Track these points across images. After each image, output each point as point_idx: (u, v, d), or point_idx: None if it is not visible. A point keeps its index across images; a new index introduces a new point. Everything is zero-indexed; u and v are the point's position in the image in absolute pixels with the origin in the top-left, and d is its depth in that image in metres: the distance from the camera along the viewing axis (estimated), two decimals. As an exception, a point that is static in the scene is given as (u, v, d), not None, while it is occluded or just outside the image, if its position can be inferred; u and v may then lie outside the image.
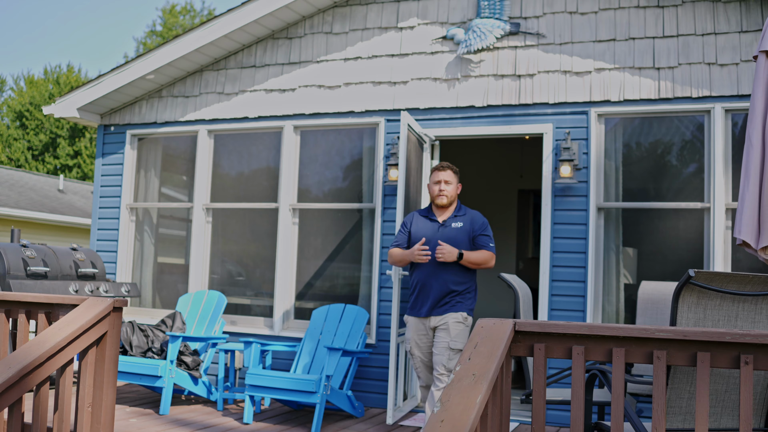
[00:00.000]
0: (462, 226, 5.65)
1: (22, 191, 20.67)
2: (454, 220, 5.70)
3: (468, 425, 2.75)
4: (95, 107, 8.94)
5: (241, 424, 6.25)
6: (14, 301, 4.50)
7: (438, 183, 5.72)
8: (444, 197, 5.69)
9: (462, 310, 5.55)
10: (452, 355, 5.44)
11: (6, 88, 48.78)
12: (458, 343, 5.46)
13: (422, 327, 5.65)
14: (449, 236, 5.61)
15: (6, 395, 3.60)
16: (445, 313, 5.54)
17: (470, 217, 5.71)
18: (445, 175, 5.72)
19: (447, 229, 5.66)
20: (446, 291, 5.54)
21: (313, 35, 7.99)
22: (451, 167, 5.78)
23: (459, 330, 5.50)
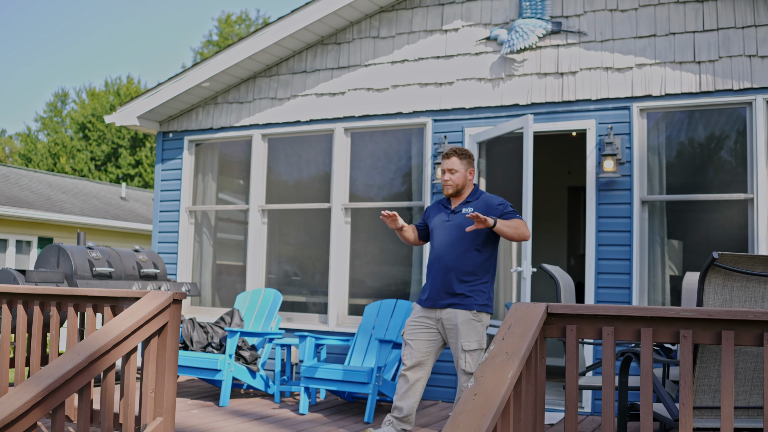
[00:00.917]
0: (473, 212, 5.19)
1: (86, 199, 21.35)
2: (465, 206, 5.38)
3: (499, 398, 2.96)
4: (154, 115, 9.31)
5: (297, 415, 6.51)
6: (82, 295, 4.83)
7: (443, 172, 5.45)
8: (449, 187, 5.41)
9: (471, 308, 5.21)
10: (467, 358, 5.15)
11: (69, 100, 50.08)
12: (472, 343, 5.17)
13: (424, 314, 5.38)
14: (457, 223, 5.32)
15: (76, 380, 3.91)
16: (452, 308, 5.24)
17: (484, 201, 5.36)
18: (449, 164, 5.41)
19: (456, 216, 5.36)
20: (453, 281, 5.24)
21: (360, 40, 8.24)
22: (458, 152, 5.43)
23: (469, 329, 5.18)
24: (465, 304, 5.21)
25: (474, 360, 5.16)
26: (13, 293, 5.20)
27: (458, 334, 5.18)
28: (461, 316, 5.20)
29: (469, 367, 5.14)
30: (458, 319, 5.20)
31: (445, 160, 5.45)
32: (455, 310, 5.23)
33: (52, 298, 5.00)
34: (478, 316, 5.22)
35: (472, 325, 5.19)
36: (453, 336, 5.24)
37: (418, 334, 5.35)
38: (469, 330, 5.17)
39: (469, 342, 5.15)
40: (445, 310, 5.27)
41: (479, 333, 5.20)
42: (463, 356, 5.14)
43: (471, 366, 5.14)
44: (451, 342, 5.27)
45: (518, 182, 8.22)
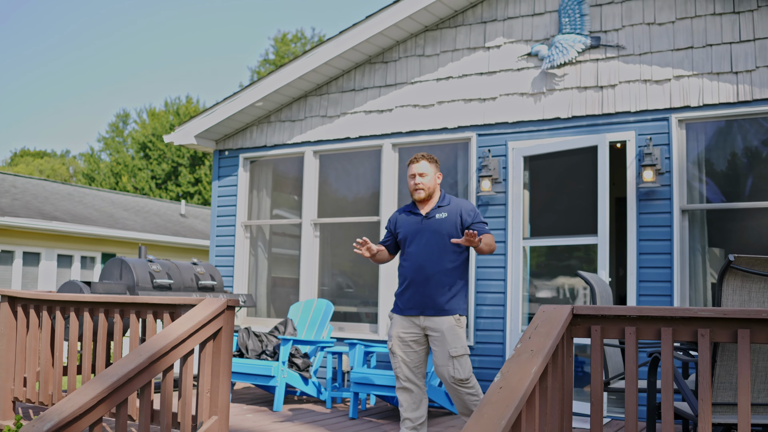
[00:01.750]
0: (447, 217, 5.37)
1: (147, 216, 21.99)
2: (437, 211, 5.42)
3: (522, 390, 3.19)
4: (210, 134, 9.72)
5: (347, 419, 6.78)
6: (143, 303, 5.18)
7: (413, 177, 5.46)
8: (421, 191, 5.41)
9: (455, 312, 5.29)
10: (456, 364, 5.18)
11: (130, 121, 51.37)
12: (459, 348, 5.22)
13: (407, 324, 5.39)
14: (434, 228, 5.36)
15: (137, 378, 4.24)
16: (436, 316, 5.27)
17: (457, 207, 5.43)
18: (419, 167, 5.44)
19: (431, 221, 5.40)
20: (434, 288, 5.28)
21: (406, 58, 8.54)
22: (426, 156, 5.48)
23: (454, 335, 5.24)
24: (448, 309, 5.27)
25: (462, 365, 5.20)
26: (80, 302, 5.57)
27: (444, 341, 5.21)
28: (446, 323, 5.24)
29: (459, 373, 5.17)
30: (443, 326, 5.23)
31: (414, 164, 5.46)
32: (440, 317, 5.26)
33: (115, 305, 5.36)
34: (460, 321, 5.30)
35: (456, 332, 5.24)
36: (438, 343, 5.25)
37: (406, 345, 5.38)
38: (453, 336, 5.22)
39: (456, 348, 5.19)
40: (430, 318, 5.28)
41: (462, 338, 5.26)
42: (451, 363, 5.17)
43: (460, 371, 5.17)
44: (436, 349, 5.27)
45: (564, 195, 8.41)
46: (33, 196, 19.25)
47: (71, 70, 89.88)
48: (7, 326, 6.13)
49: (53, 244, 17.19)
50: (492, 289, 7.74)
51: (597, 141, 7.07)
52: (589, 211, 7.20)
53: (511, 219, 7.68)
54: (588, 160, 7.32)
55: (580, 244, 7.68)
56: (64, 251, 17.46)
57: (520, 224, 7.66)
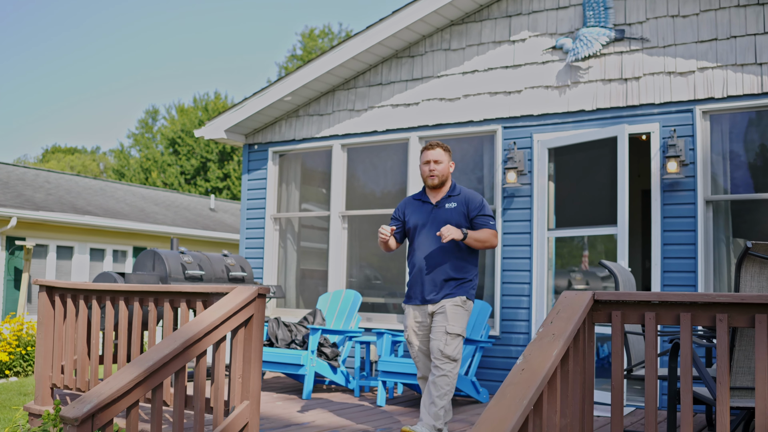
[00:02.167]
0: (456, 207, 5.44)
1: (177, 211, 22.27)
2: (447, 200, 5.48)
3: (543, 372, 3.31)
4: (240, 128, 9.88)
5: (375, 407, 6.91)
6: (176, 291, 5.34)
7: (427, 163, 5.50)
8: (435, 177, 5.46)
9: (461, 294, 5.35)
10: (449, 340, 5.21)
11: (159, 117, 51.83)
12: (456, 327, 5.26)
13: (419, 315, 5.47)
14: (443, 218, 5.42)
15: (172, 363, 4.39)
16: (443, 299, 5.35)
17: (465, 197, 5.49)
18: (434, 154, 5.48)
19: (440, 211, 5.46)
20: (443, 277, 5.36)
21: (432, 52, 8.64)
22: (441, 144, 5.54)
23: (457, 313, 5.30)
24: (454, 293, 5.34)
25: (454, 346, 5.22)
26: (115, 291, 5.75)
27: (445, 316, 5.26)
28: (450, 302, 5.31)
29: (447, 350, 5.17)
30: (447, 305, 5.30)
31: (429, 151, 5.51)
32: (445, 299, 5.34)
33: (150, 294, 5.52)
34: (466, 303, 5.36)
35: (459, 311, 5.30)
36: (439, 318, 5.29)
37: (421, 336, 5.46)
38: (456, 314, 5.28)
39: (454, 326, 5.24)
40: (437, 303, 5.37)
41: (463, 320, 5.31)
42: (444, 338, 5.20)
43: (449, 349, 5.19)
44: (435, 325, 5.31)
45: (587, 186, 8.48)
46: (66, 191, 19.57)
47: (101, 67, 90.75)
48: (45, 315, 6.33)
49: (86, 238, 17.48)
50: (517, 279, 7.84)
51: (617, 132, 7.14)
52: (611, 202, 7.28)
53: (536, 210, 7.77)
54: (610, 151, 7.39)
55: (605, 235, 7.76)
56: (97, 245, 17.75)
57: (545, 215, 7.75)
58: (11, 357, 14.17)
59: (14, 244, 15.91)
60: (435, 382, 5.18)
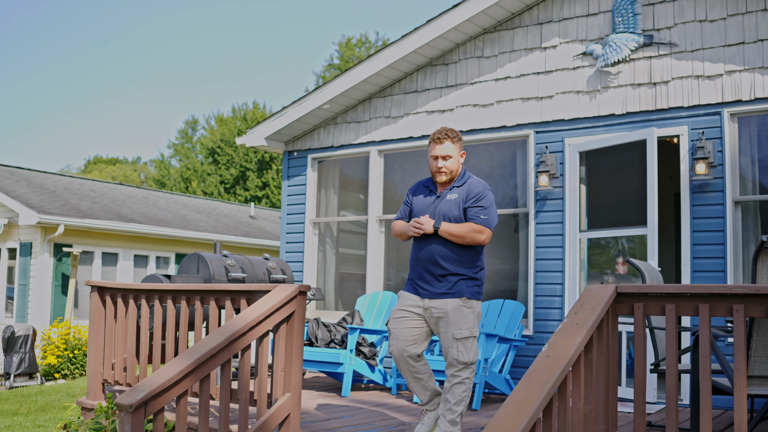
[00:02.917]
0: (456, 198, 5.11)
1: (218, 218, 22.70)
2: (450, 191, 5.16)
3: (567, 359, 3.52)
4: (280, 136, 10.19)
5: (411, 404, 7.14)
6: (221, 290, 5.61)
7: (435, 159, 5.15)
8: (443, 174, 5.14)
9: (462, 295, 5.02)
10: (461, 347, 4.95)
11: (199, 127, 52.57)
12: (464, 330, 4.97)
13: (410, 303, 5.16)
14: (442, 210, 5.12)
15: (219, 355, 4.67)
16: (441, 298, 5.04)
17: (467, 187, 5.14)
18: (443, 149, 5.12)
19: (441, 201, 5.16)
20: (441, 272, 5.04)
21: (466, 60, 8.88)
22: (450, 136, 5.16)
23: (461, 315, 5.00)
24: (454, 292, 5.02)
25: (467, 348, 4.99)
26: (163, 290, 6.05)
27: (448, 322, 4.99)
28: (451, 304, 5.00)
29: (462, 356, 4.95)
30: (448, 307, 5.01)
31: (437, 145, 5.14)
32: (445, 299, 5.03)
33: (196, 293, 5.81)
34: (468, 303, 5.04)
35: (462, 313, 5.00)
36: (443, 325, 5.03)
37: (403, 321, 5.16)
38: (459, 318, 4.98)
39: (461, 330, 4.96)
40: (434, 300, 5.07)
41: (470, 321, 5.01)
42: (455, 345, 4.95)
43: (465, 355, 4.96)
44: (441, 332, 5.06)
45: (617, 188, 8.64)
46: (110, 199, 20.06)
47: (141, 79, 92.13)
48: (97, 314, 6.65)
49: (130, 244, 17.94)
50: (550, 280, 8.02)
51: (646, 135, 7.32)
52: (641, 203, 7.46)
53: (567, 212, 7.96)
54: (640, 153, 7.56)
55: (639, 239, 7.93)
56: (140, 251, 18.19)
57: (577, 217, 7.93)
58: (59, 360, 14.63)
59: (62, 251, 16.39)
60: (452, 390, 5.01)
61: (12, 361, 13.81)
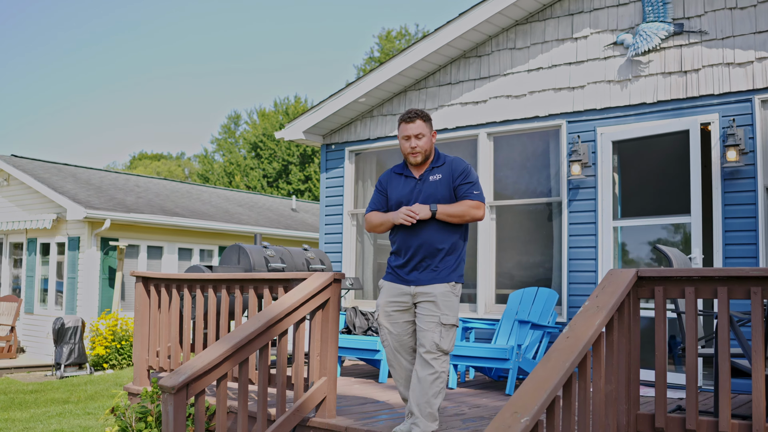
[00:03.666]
0: (441, 178, 4.94)
1: (260, 211, 23.03)
2: (431, 173, 4.98)
3: (586, 339, 3.67)
4: (318, 129, 10.40)
5: (447, 389, 7.31)
6: (260, 278, 5.83)
7: (408, 138, 4.95)
8: (418, 155, 4.95)
9: (450, 279, 4.87)
10: (444, 332, 4.79)
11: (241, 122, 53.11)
12: (450, 317, 4.82)
13: (398, 292, 4.99)
14: (428, 192, 4.93)
15: (257, 340, 4.88)
16: (430, 283, 4.86)
17: (449, 166, 4.98)
18: (414, 128, 4.92)
19: (425, 185, 4.97)
20: (428, 253, 4.87)
21: (498, 52, 9.00)
22: (420, 115, 4.97)
23: (449, 301, 4.85)
24: (442, 277, 4.87)
25: (449, 336, 4.84)
26: (204, 279, 6.28)
27: (437, 306, 4.82)
28: (440, 288, 4.85)
29: (443, 343, 4.78)
30: (437, 291, 4.85)
31: (408, 124, 4.95)
32: (434, 284, 4.88)
33: (236, 282, 6.03)
34: (455, 288, 4.92)
35: (450, 299, 4.87)
36: (430, 307, 4.84)
37: (393, 315, 5.03)
38: (447, 304, 4.84)
39: (447, 316, 4.81)
40: (423, 286, 4.90)
41: (455, 308, 4.89)
42: (438, 330, 4.78)
43: (445, 341, 4.80)
44: (425, 315, 4.85)
45: (653, 177, 8.72)
46: (155, 194, 20.47)
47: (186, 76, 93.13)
48: (142, 304, 6.91)
49: (174, 238, 18.31)
50: (583, 268, 8.13)
51: (689, 125, 7.40)
52: (681, 192, 7.53)
53: (600, 201, 8.06)
54: (677, 142, 7.63)
55: (670, 224, 8.01)
56: (184, 245, 18.56)
57: (610, 206, 8.02)
58: (107, 351, 15.03)
59: (108, 245, 16.79)
60: (429, 381, 4.80)
61: (62, 352, 14.23)
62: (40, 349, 17.14)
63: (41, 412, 10.26)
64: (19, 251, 18.71)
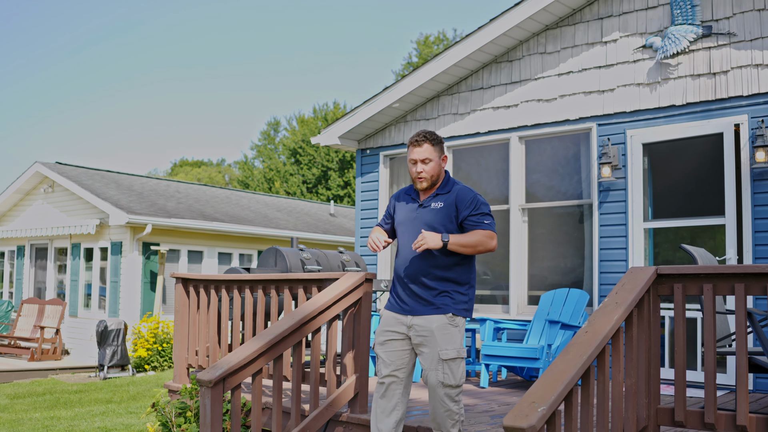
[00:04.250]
0: (442, 207, 4.71)
1: (299, 216, 23.31)
2: (434, 199, 4.76)
3: (604, 334, 3.80)
4: (353, 134, 10.60)
5: (478, 388, 7.45)
6: (294, 279, 6.02)
7: (414, 163, 4.75)
8: (423, 180, 4.74)
9: (448, 311, 4.60)
10: (447, 369, 4.52)
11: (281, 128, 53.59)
12: (450, 351, 4.55)
13: (395, 321, 4.75)
14: (425, 219, 4.73)
15: (291, 337, 5.08)
16: (426, 314, 4.62)
17: (454, 196, 4.72)
18: (421, 152, 4.72)
19: (424, 211, 4.76)
20: (425, 287, 4.64)
21: (529, 56, 9.13)
22: (429, 138, 4.74)
23: (447, 334, 4.57)
24: (440, 308, 4.63)
25: (453, 370, 4.56)
26: (242, 280, 6.49)
27: (434, 341, 4.57)
28: (436, 321, 4.60)
29: (448, 379, 4.52)
30: (433, 325, 4.60)
31: (415, 148, 4.74)
32: (431, 315, 4.63)
33: (271, 282, 6.23)
34: (454, 320, 4.63)
35: (449, 331, 4.59)
36: (428, 344, 4.61)
37: (389, 344, 4.76)
38: (445, 337, 4.57)
39: (447, 350, 4.54)
40: (418, 317, 4.66)
41: (457, 340, 4.61)
42: (440, 366, 4.52)
43: (450, 377, 4.54)
44: (424, 351, 4.62)
45: (684, 179, 8.78)
46: (195, 200, 20.83)
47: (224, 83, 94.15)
48: (181, 304, 7.14)
49: (214, 242, 18.65)
50: (615, 269, 8.22)
51: (723, 127, 7.50)
52: (712, 193, 7.61)
53: (630, 202, 8.15)
54: (708, 143, 7.71)
55: (703, 226, 8.07)
56: (224, 249, 18.89)
57: (641, 207, 8.11)
58: (149, 353, 15.35)
59: (150, 249, 17.15)
60: (444, 416, 4.61)
61: (105, 354, 14.58)
62: (83, 351, 17.55)
63: (85, 411, 10.57)
64: (63, 256, 19.17)
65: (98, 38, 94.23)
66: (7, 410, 10.87)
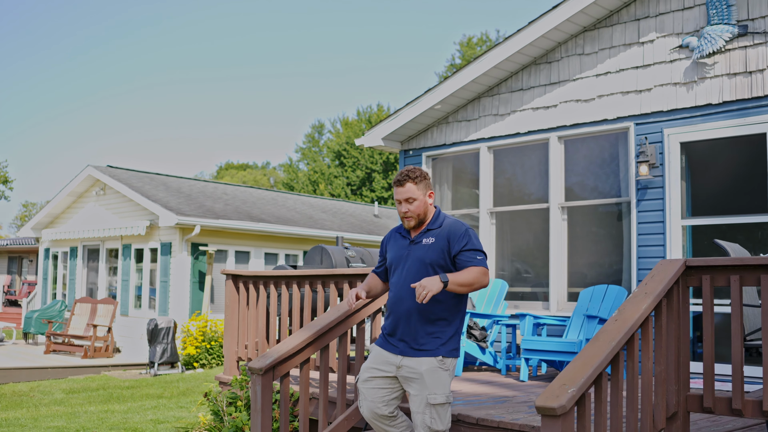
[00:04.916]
0: (434, 243, 4.65)
1: (343, 217, 23.64)
2: (425, 235, 4.70)
3: (632, 321, 4.00)
4: (396, 136, 10.86)
5: (518, 382, 7.66)
6: (339, 274, 6.30)
7: (400, 203, 4.73)
8: (411, 219, 4.71)
9: (438, 354, 4.56)
10: (434, 414, 4.51)
11: (325, 131, 54.07)
12: (439, 396, 4.53)
13: (383, 360, 4.71)
14: (416, 255, 4.66)
15: (336, 328, 5.35)
16: (416, 356, 4.57)
17: (446, 231, 4.67)
18: (404, 192, 4.67)
19: (415, 247, 4.71)
20: (416, 327, 4.60)
21: (568, 57, 9.31)
22: (411, 177, 4.68)
23: (436, 378, 4.54)
24: (430, 350, 4.58)
25: (441, 416, 4.56)
26: (290, 276, 6.79)
27: (423, 385, 4.54)
28: (426, 364, 4.56)
29: (435, 424, 4.52)
30: (422, 368, 4.56)
31: (398, 188, 4.71)
32: (419, 358, 4.58)
33: (318, 278, 6.51)
34: (444, 363, 4.60)
35: (438, 375, 4.56)
36: (416, 386, 4.58)
37: (372, 381, 4.73)
38: (435, 380, 4.55)
39: (435, 395, 4.52)
40: (407, 358, 4.61)
41: (446, 384, 4.59)
42: (428, 411, 4.51)
43: (438, 422, 4.54)
44: (413, 393, 4.60)
45: (723, 176, 8.91)
46: (242, 201, 21.26)
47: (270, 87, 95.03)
48: (231, 299, 7.45)
49: (260, 243, 19.04)
50: (652, 266, 8.36)
51: (765, 128, 7.62)
52: (750, 190, 7.72)
53: (668, 200, 8.29)
54: (747, 141, 7.83)
55: (742, 224, 8.20)
56: (270, 249, 19.28)
57: (678, 205, 8.25)
58: (198, 350, 15.76)
59: (198, 250, 17.58)
60: None
61: (156, 351, 15.02)
62: (134, 349, 18.04)
63: (137, 405, 10.96)
64: (114, 258, 19.70)
65: (146, 44, 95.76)
66: (64, 404, 11.31)
